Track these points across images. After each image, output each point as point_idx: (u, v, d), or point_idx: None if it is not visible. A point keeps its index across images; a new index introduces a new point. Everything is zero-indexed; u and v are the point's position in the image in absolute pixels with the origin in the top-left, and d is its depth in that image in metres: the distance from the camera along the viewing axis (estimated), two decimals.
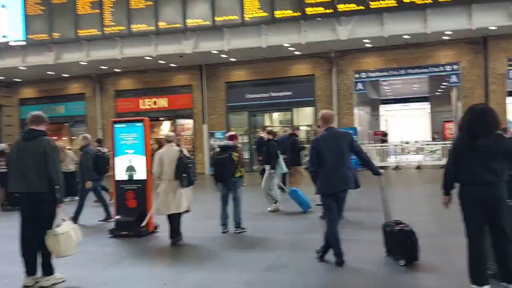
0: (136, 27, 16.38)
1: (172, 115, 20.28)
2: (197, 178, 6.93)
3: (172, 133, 7.25)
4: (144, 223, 7.10)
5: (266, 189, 9.04)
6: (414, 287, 4.56)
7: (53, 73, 19.51)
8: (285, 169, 9.57)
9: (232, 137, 7.43)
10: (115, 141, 7.46)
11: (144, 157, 7.26)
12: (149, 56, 16.94)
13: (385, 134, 21.94)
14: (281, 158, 9.37)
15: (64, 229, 4.70)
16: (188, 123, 20.29)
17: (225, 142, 7.28)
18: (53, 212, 4.70)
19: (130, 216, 7.26)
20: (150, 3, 16.18)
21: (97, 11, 16.58)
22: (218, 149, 7.24)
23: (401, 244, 5.00)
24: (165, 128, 21.72)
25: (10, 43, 17.46)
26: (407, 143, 20.82)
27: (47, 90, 21.39)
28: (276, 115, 20.45)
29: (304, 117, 19.05)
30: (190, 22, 15.98)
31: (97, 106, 20.72)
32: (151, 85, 19.93)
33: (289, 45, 16.04)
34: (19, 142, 4.84)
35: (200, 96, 19.29)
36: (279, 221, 8.21)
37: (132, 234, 7.11)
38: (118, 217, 7.35)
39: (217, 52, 16.59)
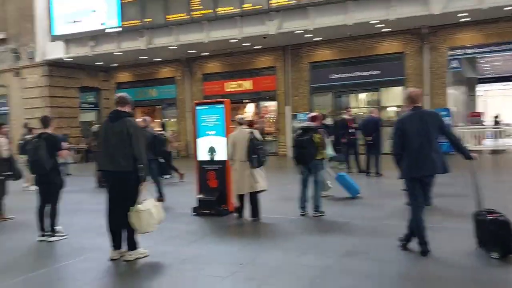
0: (222, 10, 16.59)
1: (256, 97, 20.42)
2: (267, 158, 6.98)
3: (243, 116, 7.43)
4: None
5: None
6: (508, 283, 4.13)
7: (145, 57, 20.49)
8: (331, 153, 9.11)
9: (314, 118, 7.27)
10: (197, 123, 7.63)
11: (225, 139, 7.34)
12: (234, 39, 17.09)
13: (482, 115, 20.28)
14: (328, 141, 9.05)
15: (146, 206, 4.90)
16: (271, 105, 20.32)
17: (307, 124, 7.13)
18: (136, 190, 4.92)
19: (212, 196, 7.44)
20: None
21: None
22: (299, 131, 7.11)
23: (494, 235, 4.55)
24: (249, 110, 21.98)
25: (107, 30, 18.55)
26: (508, 125, 19.08)
27: (141, 74, 22.60)
28: (362, 96, 19.74)
29: (393, 98, 18.18)
30: (274, 2, 15.82)
31: (186, 89, 21.48)
32: (236, 67, 20.18)
33: (377, 21, 15.27)
34: (106, 123, 5.10)
35: (283, 77, 19.19)
36: (360, 206, 7.91)
37: (213, 213, 7.29)
38: (200, 196, 7.56)
39: (301, 31, 16.30)
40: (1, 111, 22.39)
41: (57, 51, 19.99)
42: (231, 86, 20.54)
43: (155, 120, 22.80)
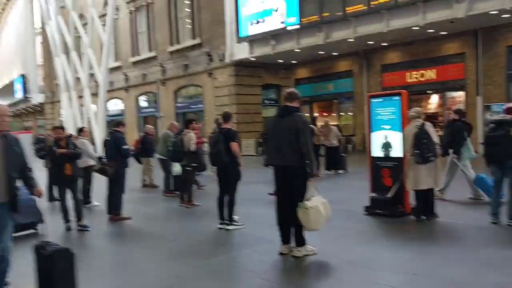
0: None
1: (441, 87, 18.70)
2: (434, 154, 6.32)
3: (418, 109, 6.76)
4: (389, 195, 6.76)
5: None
6: None
7: (323, 52, 20.59)
8: (473, 154, 7.81)
9: (510, 110, 6.20)
10: (371, 116, 7.25)
11: (401, 134, 6.81)
12: (417, 26, 15.90)
13: None
14: (468, 140, 7.75)
15: (314, 203, 4.80)
16: (459, 95, 18.37)
17: (502, 116, 6.14)
18: (304, 186, 4.85)
19: (386, 195, 6.98)
20: None
21: None
22: (492, 125, 6.17)
23: None
24: (434, 101, 20.30)
25: (287, 28, 19.17)
26: None
27: (318, 69, 22.83)
28: None
29: None
30: None
31: (363, 82, 20.93)
32: (419, 56, 18.79)
33: None
34: (275, 118, 5.16)
35: (474, 64, 17.13)
36: None
37: (387, 214, 6.84)
38: (373, 194, 7.18)
39: (496, 12, 14.28)
40: (197, 108, 25.14)
41: (243, 52, 21.48)
42: (413, 76, 19.24)
43: (332, 114, 22.90)
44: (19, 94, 43.01)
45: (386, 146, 7.05)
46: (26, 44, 41.27)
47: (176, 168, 8.83)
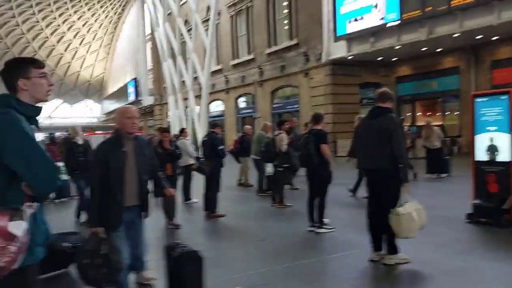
0: None
1: None
2: None
3: None
4: (506, 206, 6.19)
5: None
6: None
7: (426, 48, 19.52)
8: None
9: None
10: (476, 117, 6.73)
11: (509, 136, 6.23)
12: None
13: None
14: None
15: (407, 209, 4.58)
16: None
17: None
18: (396, 191, 4.66)
19: (490, 202, 6.45)
20: None
21: None
22: None
23: None
24: None
25: (388, 25, 18.49)
26: None
27: (421, 66, 21.67)
28: None
29: None
30: None
31: (471, 79, 19.46)
32: None
33: None
34: (366, 120, 5.01)
35: None
36: None
37: (492, 223, 6.30)
38: (476, 201, 6.66)
39: None
40: (293, 109, 25.27)
41: (340, 50, 21.14)
42: None
43: (437, 114, 21.61)
44: (131, 97, 46.72)
45: (492, 149, 6.51)
46: (138, 50, 44.75)
47: (269, 168, 8.99)
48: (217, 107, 33.09)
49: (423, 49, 19.51)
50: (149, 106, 43.58)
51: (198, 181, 9.02)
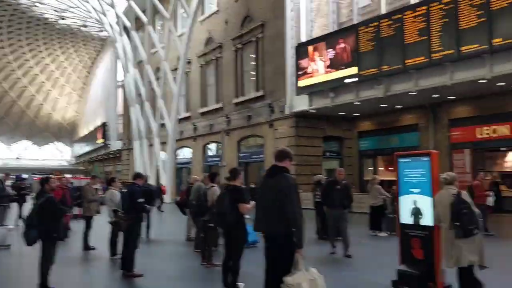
0: (466, 49, 14.65)
1: None
2: (477, 227, 5.43)
3: (452, 173, 5.91)
4: None
5: None
6: None
7: (386, 105, 19.82)
8: None
9: None
10: (400, 178, 6.54)
11: (431, 199, 6.02)
12: (483, 79, 14.79)
13: None
14: None
15: (296, 280, 4.19)
16: None
17: None
18: (289, 257, 4.31)
19: (415, 269, 6.12)
20: (483, 19, 14.16)
21: (425, 37, 15.77)
22: None
23: None
24: (510, 159, 18.55)
25: (346, 81, 18.76)
26: None
27: (382, 122, 21.96)
28: None
29: None
30: None
31: (430, 137, 19.69)
32: (490, 111, 17.35)
33: None
34: (264, 179, 4.73)
35: None
36: None
37: None
38: (401, 267, 6.34)
39: None
40: (259, 159, 25.08)
41: (303, 104, 21.31)
42: (484, 132, 17.75)
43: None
44: (100, 141, 46.14)
45: (416, 212, 6.27)
46: (110, 95, 44.66)
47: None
48: (185, 154, 32.73)
49: (383, 105, 19.81)
50: (117, 150, 42.95)
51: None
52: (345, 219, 9.27)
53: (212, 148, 29.92)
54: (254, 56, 25.15)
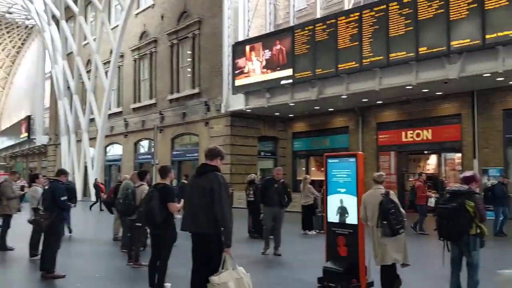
0: (394, 55, 15.38)
1: (438, 148, 18.16)
2: (403, 226, 5.74)
3: (381, 173, 6.18)
4: None
5: None
6: None
7: (319, 107, 20.34)
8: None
9: (469, 179, 5.57)
10: (328, 178, 6.71)
11: (355, 198, 6.23)
12: (409, 85, 15.61)
13: None
14: None
15: (224, 279, 4.16)
16: (456, 157, 17.76)
17: (458, 186, 5.52)
18: (217, 257, 4.26)
19: (340, 266, 6.30)
20: (410, 28, 14.93)
21: (356, 43, 16.36)
22: (447, 195, 5.56)
23: None
24: (432, 162, 19.73)
25: (281, 82, 19.02)
26: None
27: (315, 124, 22.52)
28: None
29: None
30: (456, 43, 13.92)
31: (359, 139, 20.49)
32: (415, 116, 18.39)
33: None
34: (192, 178, 4.65)
35: (470, 126, 16.62)
36: None
37: None
38: (327, 264, 6.50)
39: (489, 75, 13.94)
40: (193, 157, 24.78)
41: (239, 103, 21.35)
42: (409, 135, 18.75)
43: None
44: (24, 135, 43.49)
45: (342, 211, 6.46)
46: (36, 86, 42.19)
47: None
48: (115, 150, 31.65)
49: (317, 107, 20.32)
50: (42, 145, 40.68)
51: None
52: (281, 218, 9.32)
53: (145, 145, 29.19)
54: (191, 52, 24.83)
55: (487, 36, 13.16)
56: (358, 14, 16.32)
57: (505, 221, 11.96)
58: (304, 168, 23.69)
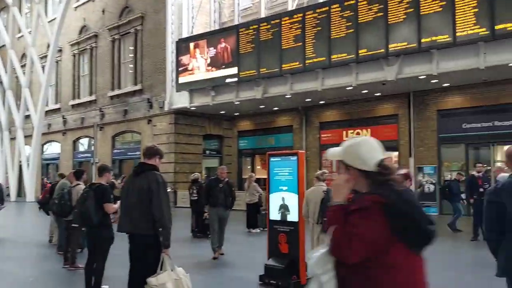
0: (336, 57, 15.77)
1: None
2: None
3: (324, 171, 6.32)
4: None
5: None
6: None
7: (264, 106, 20.48)
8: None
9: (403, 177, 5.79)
10: (270, 176, 6.76)
11: (297, 196, 6.32)
12: (350, 86, 16.06)
13: None
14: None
15: (160, 280, 4.06)
16: (393, 155, 18.49)
17: None
18: (156, 258, 4.16)
19: (281, 263, 6.38)
20: (351, 30, 15.36)
21: (300, 44, 16.61)
22: None
23: None
24: None
25: (226, 81, 18.96)
26: None
27: (260, 122, 22.66)
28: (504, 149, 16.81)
29: None
30: (393, 46, 14.48)
31: (303, 138, 20.84)
32: (355, 115, 18.98)
33: None
34: (129, 177, 4.52)
35: (406, 126, 17.38)
36: None
37: (281, 285, 6.20)
38: (269, 262, 6.56)
39: (424, 77, 14.62)
40: (135, 155, 24.16)
41: (183, 100, 21.04)
42: (349, 135, 19.28)
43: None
44: None
45: (283, 208, 6.53)
46: None
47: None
48: (53, 149, 30.27)
49: (262, 106, 20.44)
50: None
51: None
52: (226, 219, 9.19)
53: (84, 143, 28.14)
54: (133, 48, 24.19)
55: (423, 40, 13.80)
56: (301, 15, 16.58)
57: (459, 217, 12.32)
58: (249, 167, 23.77)
